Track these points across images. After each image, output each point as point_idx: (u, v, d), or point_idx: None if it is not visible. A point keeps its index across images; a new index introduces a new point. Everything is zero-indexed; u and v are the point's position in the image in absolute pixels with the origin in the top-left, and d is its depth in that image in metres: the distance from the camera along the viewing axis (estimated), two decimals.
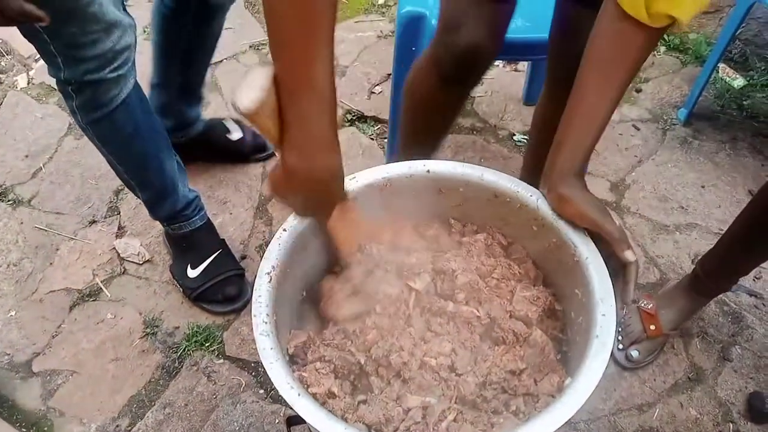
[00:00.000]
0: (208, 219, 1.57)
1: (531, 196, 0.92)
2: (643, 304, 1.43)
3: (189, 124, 1.75)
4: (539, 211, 0.91)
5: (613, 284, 0.83)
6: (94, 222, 1.74)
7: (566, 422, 0.69)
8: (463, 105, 1.39)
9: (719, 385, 1.39)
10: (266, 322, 0.80)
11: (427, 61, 1.18)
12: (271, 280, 0.84)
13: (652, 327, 1.40)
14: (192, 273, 1.53)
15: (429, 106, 1.24)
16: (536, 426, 0.69)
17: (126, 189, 1.80)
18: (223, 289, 1.52)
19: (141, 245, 1.67)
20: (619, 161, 1.88)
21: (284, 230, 0.89)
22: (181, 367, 1.44)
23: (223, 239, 1.60)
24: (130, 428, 1.35)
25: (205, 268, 1.53)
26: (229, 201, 1.78)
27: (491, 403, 0.81)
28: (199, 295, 1.53)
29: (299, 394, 0.74)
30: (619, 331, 1.43)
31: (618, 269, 0.83)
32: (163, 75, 1.62)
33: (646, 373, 1.41)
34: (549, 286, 0.94)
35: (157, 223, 1.71)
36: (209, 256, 1.54)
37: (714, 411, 1.35)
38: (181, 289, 1.56)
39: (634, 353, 1.39)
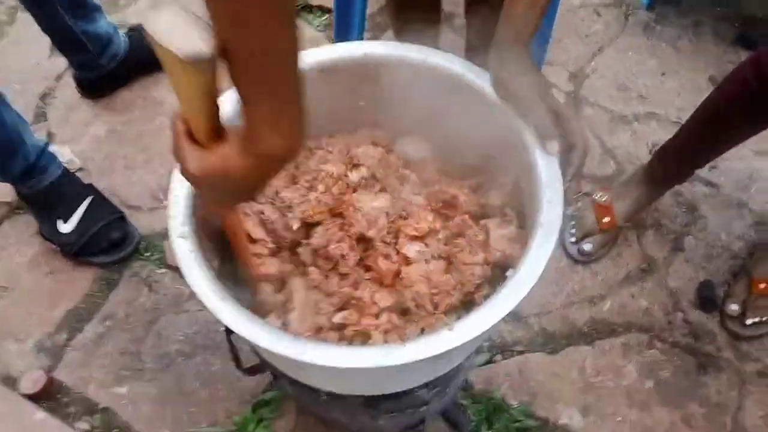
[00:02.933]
0: (65, 168, 1.42)
1: (478, 77, 0.84)
2: (597, 197, 1.40)
3: (101, 48, 1.53)
4: (487, 96, 0.83)
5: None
6: None
7: (509, 314, 0.65)
8: None
9: (670, 276, 1.38)
10: (185, 225, 0.73)
11: None
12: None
13: (606, 219, 1.36)
14: (64, 228, 1.38)
15: None
16: (471, 320, 0.65)
17: (53, 92, 1.67)
18: (107, 235, 1.37)
19: (72, 153, 1.55)
20: (579, 48, 1.78)
21: None
22: (121, 278, 1.38)
23: (90, 184, 1.44)
24: (68, 341, 1.30)
25: (79, 220, 1.38)
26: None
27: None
28: (80, 250, 1.38)
29: (221, 299, 0.68)
30: (572, 225, 1.39)
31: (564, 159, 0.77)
32: None
33: (598, 266, 1.39)
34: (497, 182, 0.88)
35: (90, 128, 1.61)
36: (79, 205, 1.39)
37: (665, 301, 1.35)
38: (59, 249, 1.41)
39: (587, 246, 1.37)
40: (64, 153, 1.54)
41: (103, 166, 1.54)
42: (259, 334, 0.66)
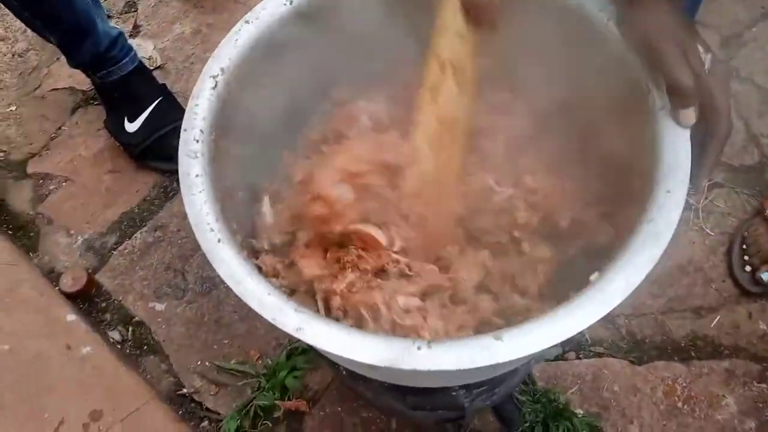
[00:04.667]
0: (140, 61, 1.30)
1: (600, 11, 0.64)
2: None
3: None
4: (606, 35, 0.63)
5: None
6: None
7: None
8: None
9: None
10: (198, 141, 0.60)
11: None
12: (216, 86, 0.63)
13: None
14: (130, 127, 1.30)
15: None
16: (526, 330, 0.48)
17: None
18: (170, 141, 1.26)
19: (154, 49, 1.47)
20: (739, 11, 1.48)
21: (247, 22, 0.66)
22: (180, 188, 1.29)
23: (164, 84, 1.35)
24: (116, 246, 1.24)
25: (145, 120, 1.29)
26: None
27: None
28: (142, 152, 1.30)
29: (219, 240, 0.54)
30: (744, 249, 1.14)
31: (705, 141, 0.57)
32: None
33: (714, 272, 1.16)
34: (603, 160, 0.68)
35: (176, 25, 1.51)
36: (149, 106, 1.30)
37: None
38: (121, 147, 1.33)
39: (766, 275, 1.10)
40: (147, 48, 1.46)
41: (182, 67, 1.44)
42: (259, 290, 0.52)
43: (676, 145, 0.56)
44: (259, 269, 0.62)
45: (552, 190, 0.69)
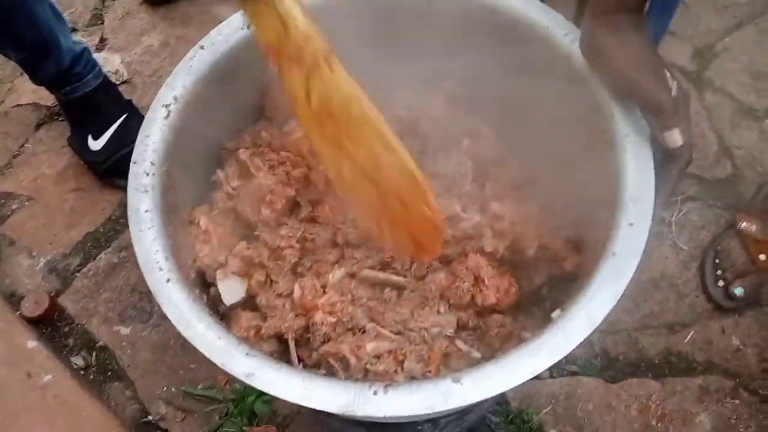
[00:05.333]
0: (105, 77, 1.27)
1: (566, 35, 0.63)
2: (743, 226, 1.12)
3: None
4: (572, 60, 0.62)
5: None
6: (74, 30, 1.50)
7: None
8: None
9: None
10: (149, 174, 0.57)
11: None
12: (168, 115, 0.60)
13: (763, 257, 1.09)
14: (95, 145, 1.26)
15: None
16: (487, 372, 0.47)
17: None
18: None
19: (121, 62, 1.44)
20: (712, 21, 1.48)
21: (202, 48, 0.64)
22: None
23: (130, 100, 1.31)
24: (80, 268, 1.20)
25: (110, 138, 1.25)
26: None
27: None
28: (107, 170, 1.26)
29: (168, 280, 0.52)
30: (717, 263, 1.13)
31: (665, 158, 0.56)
32: None
33: (687, 288, 1.15)
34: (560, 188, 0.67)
35: (144, 38, 1.48)
36: (114, 123, 1.26)
37: (762, 343, 1.10)
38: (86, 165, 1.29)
39: (739, 290, 1.09)
40: (114, 62, 1.43)
41: (149, 81, 1.41)
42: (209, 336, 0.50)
43: (641, 176, 0.55)
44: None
45: (518, 217, 0.68)
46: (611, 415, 1.05)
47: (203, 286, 0.63)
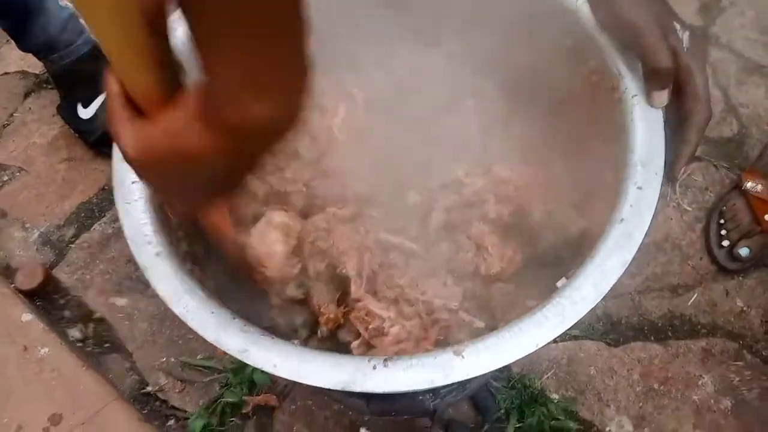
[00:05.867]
0: (95, 43, 1.21)
1: None
2: (749, 186, 1.10)
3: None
4: (578, 15, 0.59)
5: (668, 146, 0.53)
6: None
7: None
8: None
9: None
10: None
11: None
12: None
13: None
14: (84, 113, 1.23)
15: None
16: (489, 344, 0.45)
17: None
18: None
19: None
20: None
21: None
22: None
23: None
24: (74, 239, 1.18)
25: (100, 106, 1.22)
26: None
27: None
28: (98, 138, 1.23)
29: (158, 254, 0.50)
30: (721, 224, 1.11)
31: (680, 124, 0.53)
32: None
33: (691, 249, 1.13)
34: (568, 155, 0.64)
35: None
36: (103, 91, 1.21)
37: (766, 305, 1.09)
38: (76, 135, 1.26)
39: (744, 251, 1.07)
40: None
41: None
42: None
43: (650, 135, 0.52)
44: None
45: (523, 180, 0.65)
46: (613, 379, 1.04)
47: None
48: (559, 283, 0.50)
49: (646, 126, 0.52)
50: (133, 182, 0.53)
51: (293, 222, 0.63)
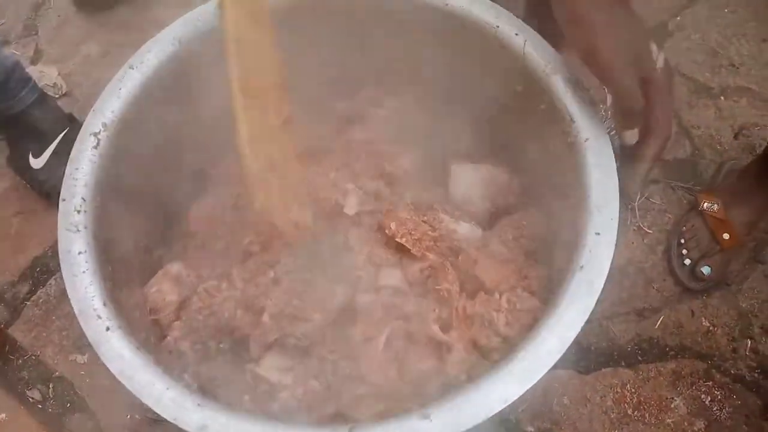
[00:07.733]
0: (42, 91, 1.19)
1: (517, 34, 0.60)
2: (706, 206, 1.12)
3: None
4: (526, 60, 0.59)
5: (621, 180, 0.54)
6: (6, 43, 1.42)
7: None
8: None
9: (743, 293, 1.12)
10: (80, 211, 0.53)
11: None
12: (98, 144, 0.56)
13: (726, 236, 1.09)
14: (36, 163, 1.19)
15: None
16: (454, 406, 0.44)
17: (48, 1, 1.47)
18: None
19: (59, 75, 1.37)
20: None
21: (131, 68, 0.59)
22: None
23: (70, 113, 1.23)
24: (29, 295, 1.15)
25: (51, 155, 1.19)
26: None
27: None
28: (50, 190, 1.19)
29: (108, 329, 0.48)
30: (682, 243, 1.13)
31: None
32: None
33: (654, 272, 1.15)
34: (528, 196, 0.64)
35: (82, 47, 1.41)
36: (54, 139, 1.19)
37: (731, 323, 1.10)
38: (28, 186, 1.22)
39: (706, 270, 1.09)
40: (51, 74, 1.36)
41: (89, 92, 1.34)
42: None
43: (604, 181, 0.52)
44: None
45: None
46: (587, 408, 1.04)
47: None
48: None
49: (599, 170, 0.53)
50: (79, 252, 0.51)
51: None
